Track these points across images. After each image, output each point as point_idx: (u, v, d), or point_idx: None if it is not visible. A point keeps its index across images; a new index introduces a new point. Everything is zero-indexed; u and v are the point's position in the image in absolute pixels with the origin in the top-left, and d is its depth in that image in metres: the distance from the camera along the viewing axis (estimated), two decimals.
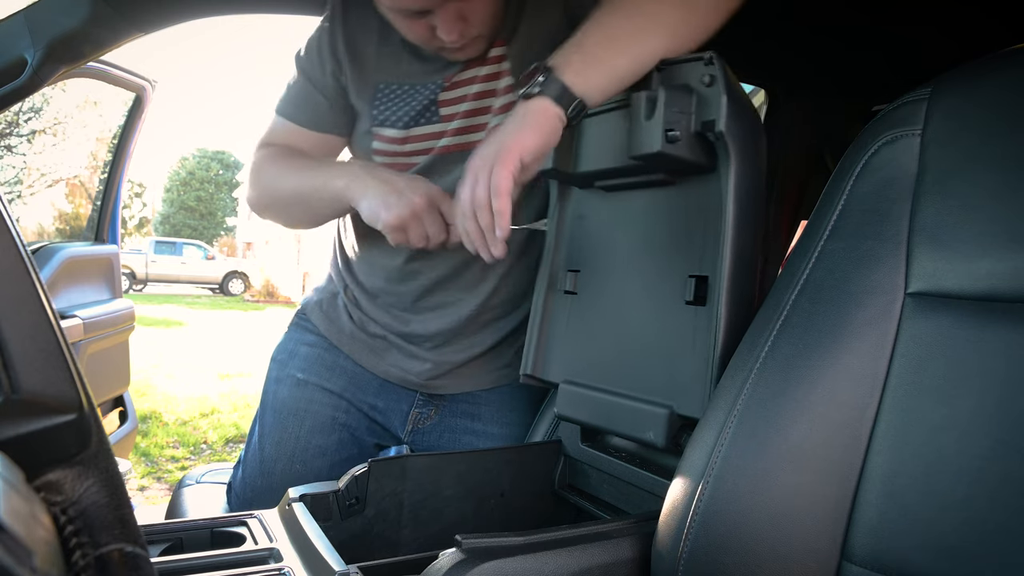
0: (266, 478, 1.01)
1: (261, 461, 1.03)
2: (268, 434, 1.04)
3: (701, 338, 0.72)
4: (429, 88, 0.95)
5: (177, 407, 4.22)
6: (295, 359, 1.08)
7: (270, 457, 1.02)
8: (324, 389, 1.05)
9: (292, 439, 1.02)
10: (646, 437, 0.74)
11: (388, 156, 0.99)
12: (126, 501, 0.28)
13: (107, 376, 2.06)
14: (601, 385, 0.82)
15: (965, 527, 0.48)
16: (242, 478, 1.05)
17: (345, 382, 1.06)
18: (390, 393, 1.07)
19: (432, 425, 1.07)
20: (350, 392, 1.06)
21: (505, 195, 0.69)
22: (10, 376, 0.26)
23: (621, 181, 0.82)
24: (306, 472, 1.01)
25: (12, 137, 2.64)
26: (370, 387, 1.07)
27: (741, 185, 0.70)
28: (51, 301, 0.29)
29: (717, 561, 0.57)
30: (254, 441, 1.06)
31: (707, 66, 0.69)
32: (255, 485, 1.02)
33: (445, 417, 1.07)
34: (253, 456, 1.04)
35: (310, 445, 1.02)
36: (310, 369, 1.06)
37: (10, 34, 0.99)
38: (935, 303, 0.54)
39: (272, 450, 1.02)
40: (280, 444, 1.02)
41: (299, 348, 1.09)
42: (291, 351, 1.10)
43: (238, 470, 1.08)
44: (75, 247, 2.02)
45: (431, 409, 1.07)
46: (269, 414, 1.05)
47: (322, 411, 1.04)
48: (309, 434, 1.02)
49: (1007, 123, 0.53)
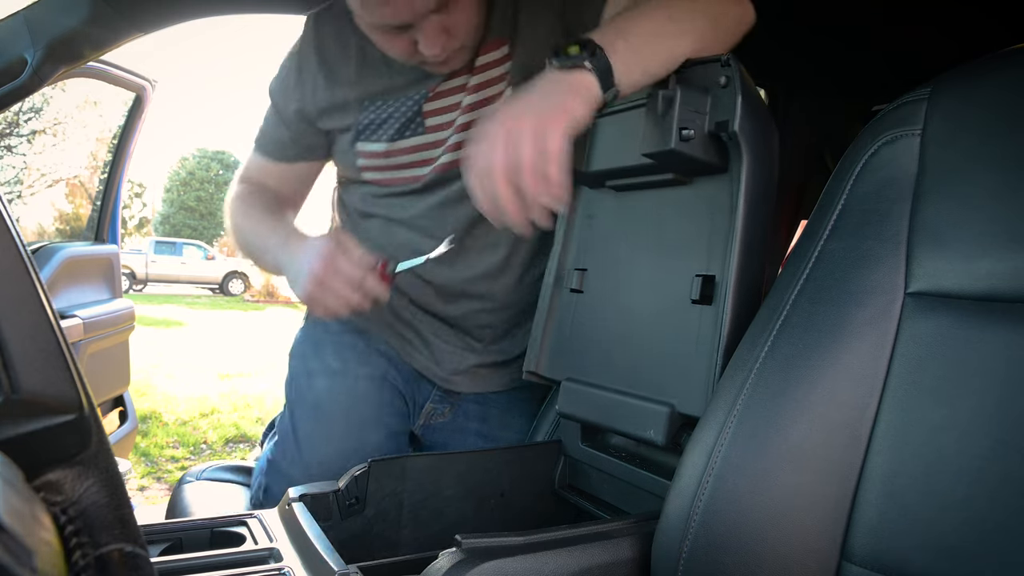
0: (321, 470, 0.94)
1: (310, 459, 0.95)
2: (312, 432, 0.97)
3: (705, 337, 0.72)
4: (412, 100, 0.94)
5: (177, 407, 4.22)
6: (323, 349, 1.04)
7: (321, 451, 0.95)
8: (364, 377, 1.01)
9: (340, 435, 0.96)
10: (647, 435, 0.74)
11: (375, 171, 0.99)
12: (126, 501, 0.28)
13: (107, 376, 2.06)
14: (603, 383, 0.82)
15: (965, 527, 0.48)
16: (286, 478, 0.95)
17: (385, 365, 1.03)
18: (417, 381, 1.06)
19: (444, 423, 1.07)
20: (391, 375, 1.03)
21: (562, 159, 0.63)
22: (10, 376, 0.26)
23: (632, 181, 0.82)
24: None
25: (12, 137, 2.64)
26: (406, 369, 1.05)
27: (753, 185, 0.70)
28: (51, 301, 0.29)
29: (717, 561, 0.57)
30: (294, 437, 0.98)
31: (723, 67, 0.70)
32: (301, 479, 0.91)
33: (457, 417, 1.07)
34: (294, 453, 0.97)
35: (362, 439, 0.96)
36: (345, 358, 1.02)
37: (10, 34, 0.99)
38: (935, 303, 0.54)
39: (321, 446, 0.96)
40: (330, 438, 0.96)
41: (325, 338, 1.05)
42: (316, 342, 1.05)
43: (278, 469, 0.98)
44: (75, 247, 2.02)
45: (446, 407, 1.07)
46: (307, 410, 0.99)
47: (368, 399, 0.99)
48: (360, 427, 0.97)
49: (1007, 123, 0.53)
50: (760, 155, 0.70)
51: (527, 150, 0.62)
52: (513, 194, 0.64)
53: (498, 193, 0.64)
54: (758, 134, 0.70)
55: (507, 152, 0.63)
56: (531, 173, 0.62)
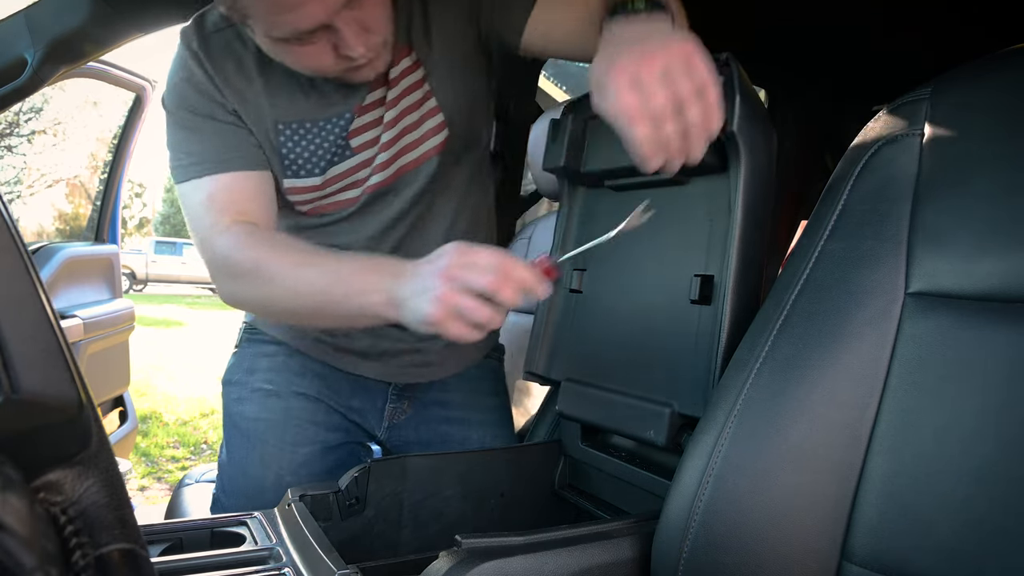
0: (259, 497, 0.94)
1: (246, 487, 0.96)
2: (247, 457, 0.96)
3: (704, 337, 0.72)
4: (337, 124, 0.86)
5: (177, 407, 4.22)
6: (256, 373, 0.99)
7: (256, 478, 0.95)
8: (298, 395, 0.98)
9: (275, 454, 0.95)
10: (647, 436, 0.74)
11: (309, 203, 0.90)
12: (126, 501, 0.28)
13: (107, 376, 2.06)
14: (603, 383, 0.82)
15: (965, 527, 0.48)
16: (225, 508, 0.97)
17: (319, 385, 0.99)
18: (364, 392, 1.02)
19: (408, 419, 1.04)
20: (325, 395, 0.99)
21: (715, 81, 0.61)
22: (10, 376, 0.25)
23: (630, 180, 0.82)
24: (297, 484, 0.97)
25: (12, 137, 2.64)
26: (343, 387, 1.01)
27: (751, 186, 0.70)
28: (51, 301, 0.29)
29: (717, 561, 0.57)
30: (230, 469, 0.98)
31: (722, 68, 0.70)
32: (245, 507, 0.93)
33: (419, 409, 1.04)
34: (232, 484, 0.97)
35: (296, 455, 0.95)
36: (278, 379, 0.98)
37: (10, 34, 0.99)
38: (935, 303, 0.54)
39: (256, 470, 0.95)
40: (264, 462, 0.95)
41: (258, 361, 1.00)
42: (249, 368, 1.01)
43: (218, 504, 0.99)
44: (75, 247, 2.02)
45: (404, 403, 1.04)
46: (240, 437, 0.97)
47: (302, 416, 0.97)
48: (293, 445, 0.96)
49: (1007, 123, 0.53)
50: (758, 155, 0.70)
51: (683, 83, 0.60)
52: (680, 130, 0.61)
53: (669, 134, 0.61)
54: (756, 135, 0.70)
55: (666, 91, 0.60)
56: (694, 104, 0.60)
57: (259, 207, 0.85)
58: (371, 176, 0.88)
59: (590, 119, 0.84)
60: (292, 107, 0.85)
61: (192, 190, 0.83)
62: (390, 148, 0.87)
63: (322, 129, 0.86)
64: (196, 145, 0.83)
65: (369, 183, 0.88)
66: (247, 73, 0.84)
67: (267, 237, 0.81)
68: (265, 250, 0.78)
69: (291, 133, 0.85)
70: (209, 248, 0.81)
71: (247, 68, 0.84)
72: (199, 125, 0.83)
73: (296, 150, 0.86)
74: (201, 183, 0.82)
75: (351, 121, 0.86)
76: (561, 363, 0.91)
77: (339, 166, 0.87)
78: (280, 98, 0.84)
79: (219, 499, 1.00)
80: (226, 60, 0.83)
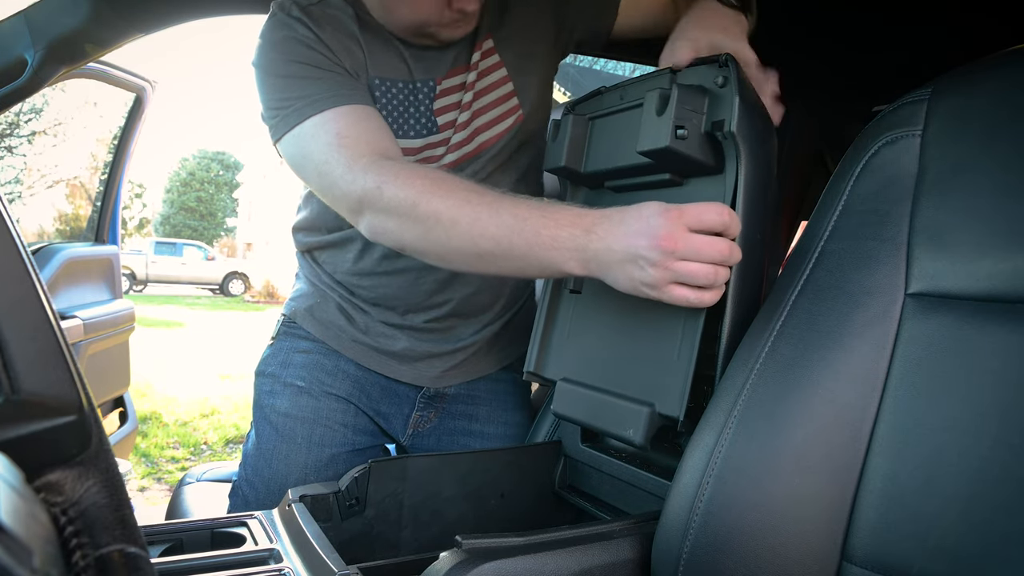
0: (280, 492, 0.94)
1: (270, 479, 0.96)
2: (274, 449, 0.97)
3: (688, 338, 0.72)
4: (422, 91, 0.90)
5: (177, 408, 4.22)
6: (290, 368, 1.01)
7: (280, 473, 0.96)
8: (329, 395, 0.99)
9: (303, 451, 0.96)
10: (626, 434, 0.73)
11: None
12: (126, 502, 0.28)
13: (107, 377, 2.06)
14: (595, 383, 0.82)
15: (965, 527, 0.48)
16: (244, 501, 0.98)
17: (350, 386, 1.01)
18: (394, 396, 1.04)
19: (431, 428, 1.06)
20: (356, 397, 1.01)
21: None
22: (10, 376, 0.26)
23: (630, 181, 0.82)
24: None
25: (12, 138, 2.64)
26: (374, 391, 1.03)
27: (750, 186, 0.70)
28: (51, 302, 0.29)
29: (717, 561, 0.57)
30: (255, 459, 0.99)
31: (721, 68, 0.70)
32: (266, 499, 0.96)
33: (444, 419, 1.06)
34: (256, 474, 0.98)
35: (323, 455, 0.96)
36: (311, 377, 1.00)
37: (10, 34, 0.99)
38: (935, 304, 0.54)
39: (281, 465, 0.96)
40: (289, 458, 0.96)
41: (293, 357, 1.02)
42: (284, 361, 1.02)
43: (238, 492, 1.00)
44: (75, 248, 2.02)
45: (431, 412, 1.06)
46: (270, 429, 0.99)
47: (332, 417, 0.98)
48: (320, 445, 0.97)
49: (1007, 123, 0.53)
50: (757, 156, 0.70)
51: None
52: None
53: None
54: (755, 134, 0.70)
55: None
56: None
57: (392, 145, 0.81)
58: (446, 155, 0.92)
59: (591, 119, 0.84)
60: (387, 65, 0.88)
61: (314, 129, 0.78)
62: (465, 129, 0.92)
63: (411, 92, 0.90)
64: (311, 87, 0.79)
65: (444, 161, 0.92)
66: (349, 36, 0.86)
67: (425, 171, 0.75)
68: (428, 185, 0.72)
69: (385, 90, 0.89)
70: (349, 185, 0.75)
71: (349, 31, 0.86)
72: (310, 73, 0.80)
73: (388, 107, 0.89)
74: (325, 119, 0.78)
75: (434, 91, 0.91)
76: (559, 363, 0.91)
77: (428, 138, 0.91)
78: (376, 57, 0.88)
79: (240, 488, 0.99)
80: (326, 25, 0.84)
